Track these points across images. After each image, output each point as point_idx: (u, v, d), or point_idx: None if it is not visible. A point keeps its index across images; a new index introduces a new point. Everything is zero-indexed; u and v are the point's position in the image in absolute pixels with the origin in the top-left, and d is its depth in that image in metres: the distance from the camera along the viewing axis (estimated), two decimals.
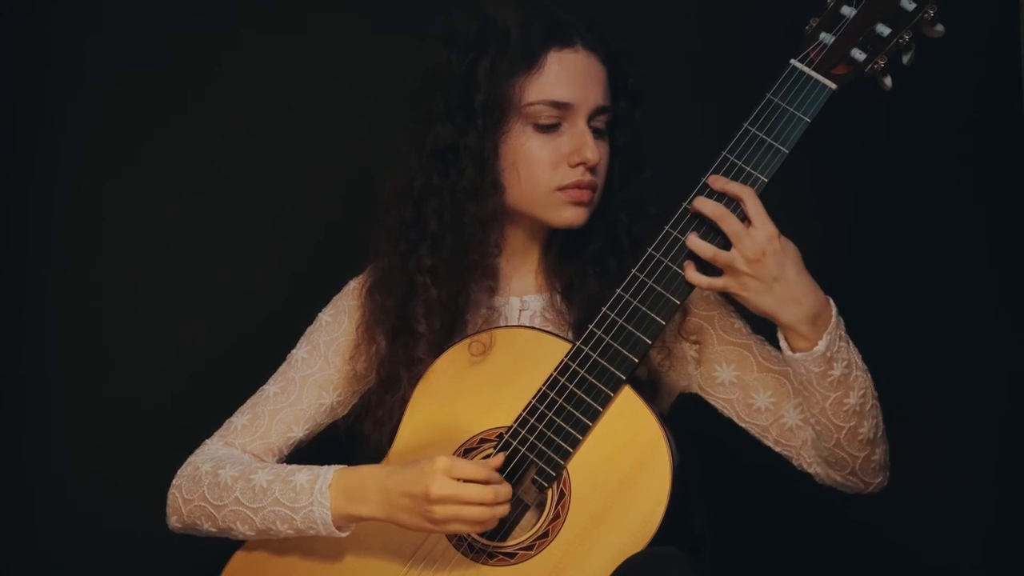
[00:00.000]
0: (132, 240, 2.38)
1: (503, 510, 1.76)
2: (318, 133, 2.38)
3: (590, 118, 1.90)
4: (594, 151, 1.88)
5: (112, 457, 2.35)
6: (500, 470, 1.80)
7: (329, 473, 1.82)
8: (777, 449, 1.90)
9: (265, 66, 2.38)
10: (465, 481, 1.74)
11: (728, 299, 1.95)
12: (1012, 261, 2.36)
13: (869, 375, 1.80)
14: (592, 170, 1.89)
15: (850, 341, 1.79)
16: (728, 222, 1.75)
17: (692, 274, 1.78)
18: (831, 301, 1.77)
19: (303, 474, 1.84)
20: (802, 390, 1.80)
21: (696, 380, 1.94)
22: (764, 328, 1.90)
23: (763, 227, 1.74)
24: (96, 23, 2.37)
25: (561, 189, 1.89)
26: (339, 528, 1.82)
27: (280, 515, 1.83)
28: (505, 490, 1.76)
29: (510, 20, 1.90)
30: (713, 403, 1.93)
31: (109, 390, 2.37)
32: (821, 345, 1.75)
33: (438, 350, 1.90)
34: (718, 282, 1.77)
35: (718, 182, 1.77)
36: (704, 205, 1.77)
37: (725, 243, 1.77)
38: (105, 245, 2.38)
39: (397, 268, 1.93)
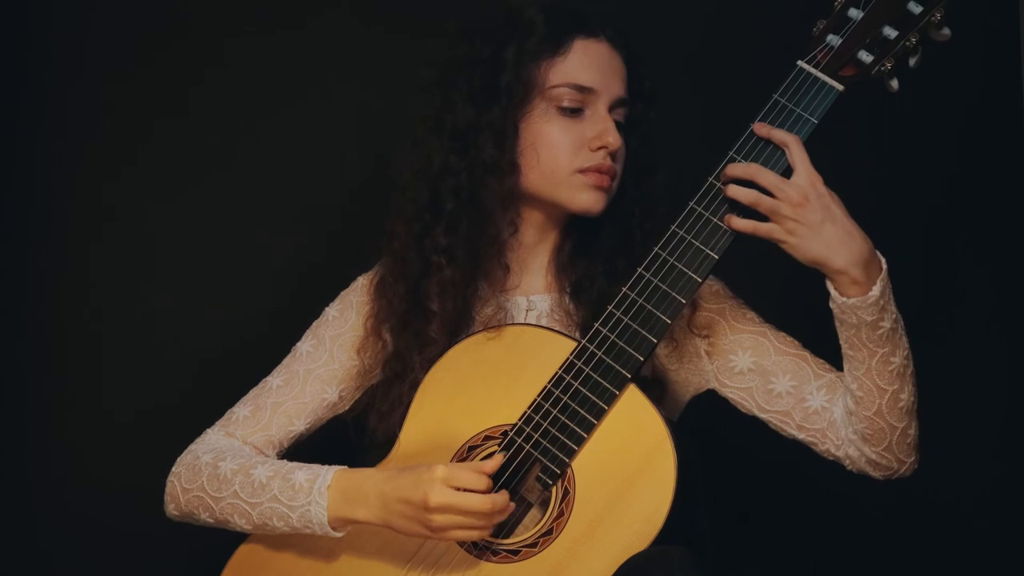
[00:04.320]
0: (132, 239, 2.38)
1: (501, 518, 1.77)
2: (321, 131, 2.38)
3: (611, 108, 1.92)
4: (616, 136, 1.90)
5: (113, 456, 2.35)
6: (503, 468, 1.80)
7: (329, 474, 1.82)
8: (800, 436, 1.88)
9: (268, 64, 2.38)
10: (463, 490, 1.74)
11: (736, 293, 1.97)
12: (1011, 261, 2.38)
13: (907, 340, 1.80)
14: (612, 156, 1.91)
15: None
16: (764, 176, 1.75)
17: (736, 221, 1.77)
18: (878, 251, 1.77)
19: (303, 473, 1.84)
20: (847, 349, 1.79)
21: (712, 374, 1.94)
22: (772, 320, 1.93)
23: (806, 173, 1.74)
24: (96, 23, 2.37)
25: (582, 172, 1.90)
26: (334, 529, 1.82)
27: (277, 512, 1.84)
28: (502, 499, 1.76)
29: (536, 10, 1.93)
30: (731, 396, 1.93)
31: (109, 389, 2.37)
32: (876, 290, 1.74)
33: (450, 333, 1.90)
34: (763, 227, 1.76)
35: (763, 128, 1.78)
36: (735, 168, 1.77)
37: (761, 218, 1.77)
38: (105, 244, 2.38)
39: (411, 250, 1.94)
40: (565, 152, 1.90)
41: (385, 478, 1.78)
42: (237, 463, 1.88)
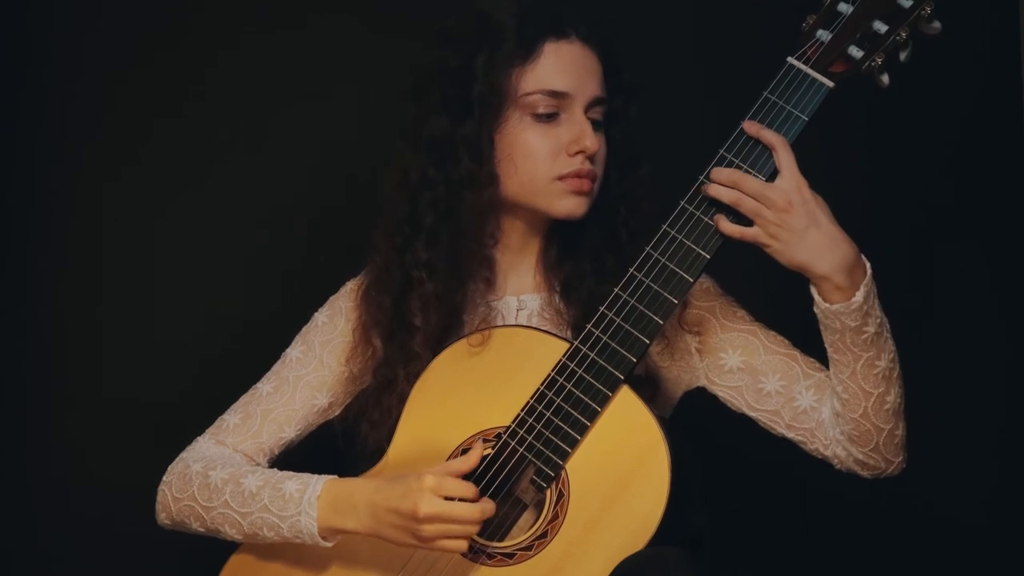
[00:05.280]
0: (132, 239, 2.39)
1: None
2: (316, 133, 2.38)
3: (587, 108, 1.90)
4: (593, 140, 1.88)
5: (112, 457, 2.36)
6: (498, 471, 1.80)
7: (319, 484, 1.82)
8: (790, 435, 1.88)
9: (268, 64, 2.38)
10: (452, 499, 1.74)
11: (727, 292, 1.96)
12: (1011, 261, 2.36)
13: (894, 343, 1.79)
14: (591, 159, 1.89)
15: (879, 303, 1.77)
16: (747, 182, 1.74)
17: (724, 224, 1.76)
18: (863, 256, 1.76)
19: (293, 483, 1.84)
20: (832, 352, 1.78)
21: (702, 372, 1.93)
22: (762, 320, 1.91)
23: (791, 177, 1.73)
24: (96, 23, 2.38)
25: (561, 178, 1.89)
26: (324, 539, 1.82)
27: (268, 522, 1.83)
28: (491, 508, 1.76)
29: (505, 15, 1.90)
30: (721, 394, 1.92)
31: (108, 390, 2.39)
32: (859, 295, 1.73)
33: (435, 346, 1.89)
34: (749, 231, 1.75)
35: (752, 127, 1.76)
36: (719, 174, 1.76)
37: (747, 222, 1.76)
38: (106, 244, 2.39)
39: (393, 264, 1.93)
40: (543, 160, 1.89)
41: (375, 488, 1.78)
42: (227, 472, 1.88)
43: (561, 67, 1.89)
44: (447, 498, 1.74)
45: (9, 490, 2.37)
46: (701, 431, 1.91)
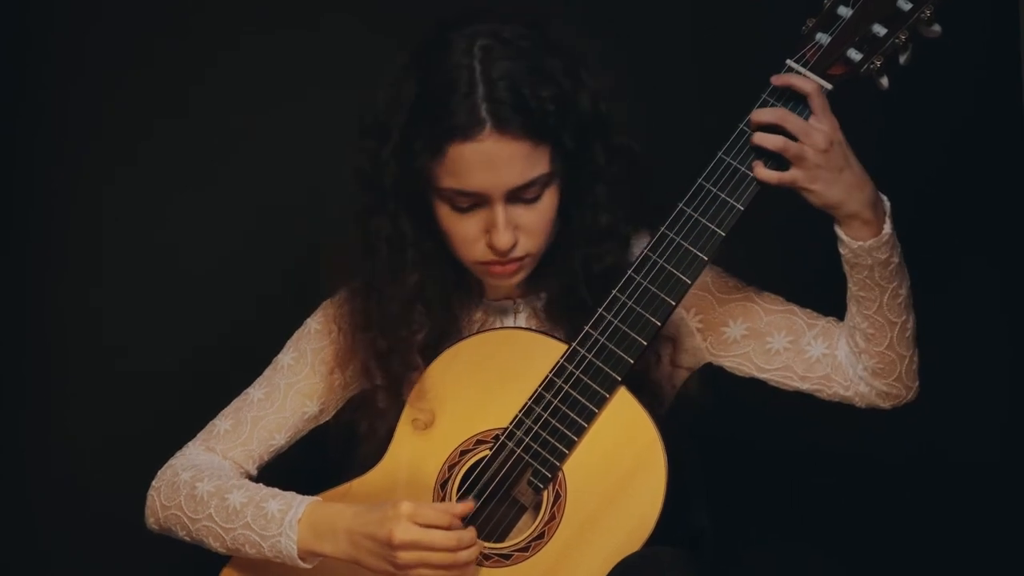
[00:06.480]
0: (132, 239, 2.39)
1: (467, 555, 1.76)
2: (316, 133, 2.37)
3: (508, 197, 1.80)
4: (506, 236, 1.81)
5: (112, 457, 2.36)
6: (495, 472, 1.81)
7: (301, 506, 1.82)
8: (804, 386, 1.88)
9: (268, 65, 2.38)
10: (429, 526, 1.74)
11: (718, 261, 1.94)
12: (1011, 262, 2.35)
13: None
14: (514, 245, 1.83)
15: None
16: (791, 120, 1.75)
17: (762, 170, 1.76)
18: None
19: (276, 503, 1.84)
20: (859, 291, 1.80)
21: (705, 350, 1.92)
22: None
23: (828, 119, 1.75)
24: (96, 23, 2.38)
25: (481, 263, 1.85)
26: (304, 560, 1.82)
27: (249, 540, 1.84)
28: (469, 536, 1.76)
29: (401, 108, 1.83)
30: (728, 364, 1.91)
31: (108, 390, 2.39)
32: (887, 227, 1.76)
33: (398, 397, 1.89)
34: (787, 176, 1.75)
35: (781, 79, 1.77)
36: (763, 114, 1.76)
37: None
38: (105, 245, 2.39)
39: (358, 302, 1.93)
40: (461, 246, 1.84)
41: (354, 514, 1.79)
42: (214, 484, 1.88)
43: (468, 169, 1.78)
44: (426, 526, 1.74)
45: (9, 490, 2.38)
46: (707, 426, 1.92)
